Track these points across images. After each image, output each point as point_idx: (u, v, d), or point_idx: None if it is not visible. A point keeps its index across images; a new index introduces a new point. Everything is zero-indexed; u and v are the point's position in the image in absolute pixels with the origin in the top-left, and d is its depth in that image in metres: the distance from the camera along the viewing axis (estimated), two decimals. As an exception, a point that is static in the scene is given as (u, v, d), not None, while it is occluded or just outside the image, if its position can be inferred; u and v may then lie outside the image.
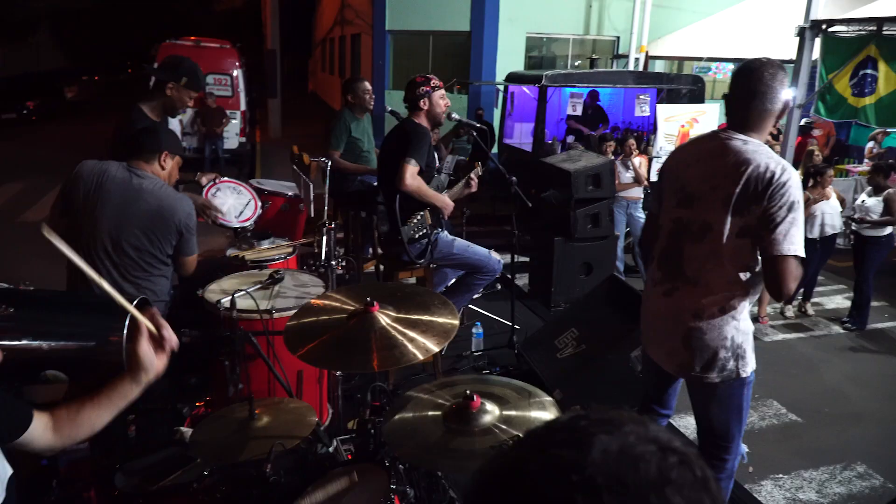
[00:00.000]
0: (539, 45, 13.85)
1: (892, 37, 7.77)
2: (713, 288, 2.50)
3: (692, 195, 2.54)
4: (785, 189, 2.32)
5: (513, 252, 4.81)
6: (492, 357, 4.85)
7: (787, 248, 2.32)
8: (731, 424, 2.67)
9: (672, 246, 2.60)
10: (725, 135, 2.50)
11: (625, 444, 0.63)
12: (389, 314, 2.30)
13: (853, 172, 10.22)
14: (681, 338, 2.58)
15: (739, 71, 2.54)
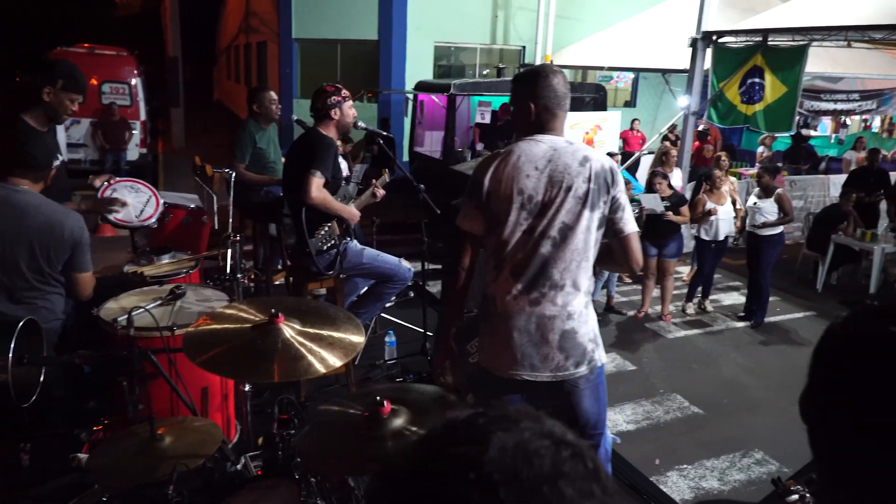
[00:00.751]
0: (447, 53, 14.00)
1: (777, 47, 8.32)
2: (580, 286, 2.59)
3: (543, 202, 2.53)
4: (619, 175, 2.62)
5: (423, 260, 4.83)
6: (405, 365, 4.84)
7: (633, 226, 2.64)
8: (601, 410, 2.81)
9: (530, 256, 2.56)
10: (543, 139, 2.56)
11: (521, 440, 0.65)
12: (294, 327, 2.27)
13: (745, 175, 10.83)
14: (556, 343, 2.59)
15: (561, 79, 2.65)
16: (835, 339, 0.85)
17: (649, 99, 14.59)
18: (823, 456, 0.85)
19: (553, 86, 2.56)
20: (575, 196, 2.51)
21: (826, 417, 0.83)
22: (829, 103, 11.31)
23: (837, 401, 0.82)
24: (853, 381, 0.80)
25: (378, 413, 1.86)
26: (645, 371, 5.84)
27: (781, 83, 8.06)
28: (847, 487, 0.82)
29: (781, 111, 8.10)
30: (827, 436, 0.83)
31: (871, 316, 0.82)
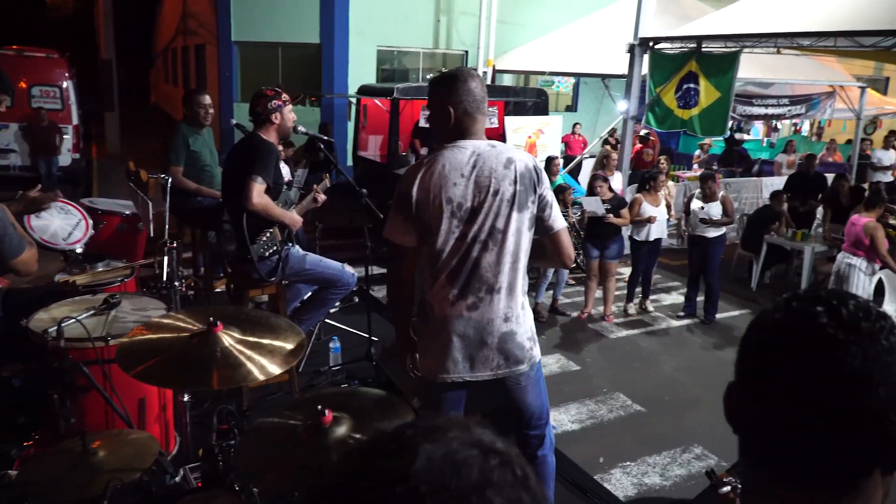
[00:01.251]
0: (390, 58, 13.97)
1: (711, 54, 8.59)
2: (515, 288, 2.62)
3: (472, 208, 2.54)
4: (543, 173, 2.63)
5: (367, 264, 4.80)
6: (350, 371, 4.80)
7: (562, 222, 2.69)
8: (543, 403, 2.89)
9: (464, 262, 2.57)
10: (466, 144, 2.56)
11: (448, 450, 0.64)
12: (234, 335, 2.23)
13: (683, 178, 11.13)
14: (495, 345, 2.62)
15: (478, 82, 2.67)
16: (759, 328, 0.88)
17: (590, 103, 14.86)
18: (750, 441, 0.88)
19: (471, 89, 2.56)
20: (503, 199, 2.53)
21: (755, 405, 0.86)
22: (760, 108, 11.73)
23: (766, 387, 0.84)
24: (777, 366, 0.83)
25: (320, 421, 1.83)
26: (589, 371, 5.93)
27: (715, 88, 8.33)
28: (772, 468, 0.85)
29: (715, 115, 8.36)
30: (755, 424, 0.86)
31: (793, 303, 0.85)
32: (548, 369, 5.95)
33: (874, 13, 6.77)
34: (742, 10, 8.71)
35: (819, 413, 0.79)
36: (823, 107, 12.10)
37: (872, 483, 0.82)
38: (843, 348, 0.77)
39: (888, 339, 0.79)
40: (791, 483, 0.83)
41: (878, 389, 0.77)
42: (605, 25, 11.61)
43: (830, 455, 0.80)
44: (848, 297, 0.83)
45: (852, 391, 0.77)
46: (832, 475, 0.81)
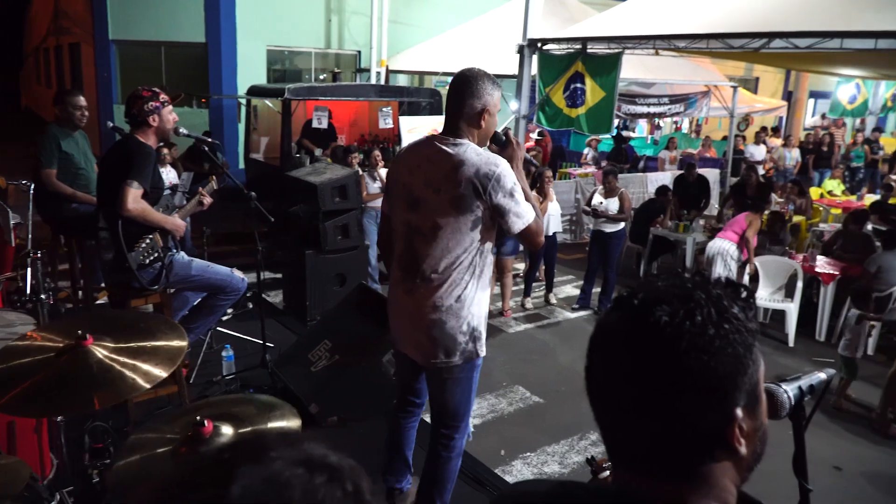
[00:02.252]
0: (281, 58, 13.65)
1: (595, 55, 8.89)
2: (451, 282, 2.71)
3: (418, 199, 2.70)
4: (501, 181, 2.61)
5: (258, 268, 4.66)
6: (245, 379, 4.64)
7: (524, 222, 2.69)
8: (463, 405, 2.98)
9: (407, 248, 2.76)
10: (441, 140, 2.70)
11: (270, 472, 0.61)
12: (107, 345, 2.08)
13: (574, 175, 11.49)
14: (424, 331, 2.77)
15: (451, 82, 2.78)
16: (601, 324, 0.90)
17: (484, 104, 15.07)
18: (606, 432, 0.90)
19: (449, 92, 2.72)
20: (444, 198, 2.64)
21: (602, 397, 0.88)
22: (643, 107, 12.29)
23: (608, 378, 0.87)
24: (618, 355, 0.85)
25: (199, 433, 1.73)
26: (488, 366, 5.97)
27: (600, 88, 8.63)
28: (625, 457, 0.87)
29: (601, 114, 8.66)
30: (604, 415, 0.88)
31: (630, 298, 0.87)
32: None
33: (743, 18, 7.21)
34: (624, 14, 9.07)
35: (660, 400, 0.80)
36: (700, 105, 12.82)
37: (722, 468, 0.84)
38: (677, 333, 0.80)
39: (719, 324, 0.81)
40: (650, 475, 0.84)
41: (716, 372, 0.80)
42: (496, 26, 11.80)
43: (676, 439, 0.81)
44: (685, 283, 0.85)
45: (689, 375, 0.79)
46: (686, 460, 0.83)
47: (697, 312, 0.80)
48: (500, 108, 2.76)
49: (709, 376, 0.79)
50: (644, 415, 0.81)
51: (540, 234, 2.79)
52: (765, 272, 7.18)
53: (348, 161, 7.71)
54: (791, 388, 1.31)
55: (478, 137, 2.71)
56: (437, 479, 3.10)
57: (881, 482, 4.58)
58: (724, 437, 0.82)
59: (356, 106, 11.60)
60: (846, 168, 13.86)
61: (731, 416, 0.82)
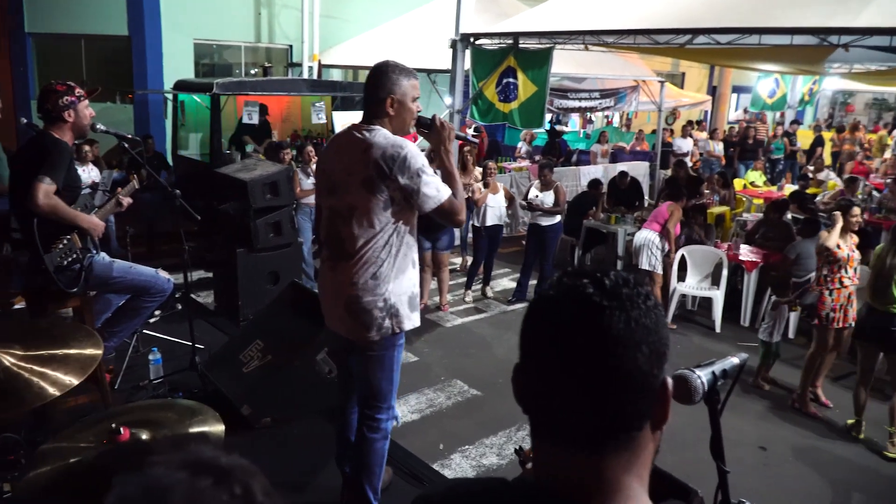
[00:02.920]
0: (209, 52, 13.27)
1: (527, 49, 8.98)
2: (366, 260, 2.86)
3: (336, 184, 2.88)
4: (407, 162, 2.75)
5: (186, 268, 4.52)
6: (174, 382, 4.50)
7: (437, 200, 2.82)
8: (385, 383, 3.08)
9: (331, 229, 2.93)
10: (356, 127, 2.87)
11: (149, 478, 0.58)
12: (15, 353, 1.98)
13: (509, 169, 11.58)
14: (343, 306, 2.93)
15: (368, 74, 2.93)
16: (535, 304, 0.91)
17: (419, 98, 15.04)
18: (534, 415, 0.90)
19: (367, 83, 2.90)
20: (356, 181, 2.80)
21: (534, 377, 0.88)
22: (575, 101, 12.50)
23: (541, 357, 0.88)
24: (551, 334, 0.86)
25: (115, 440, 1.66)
26: (426, 361, 6.00)
27: (532, 82, 8.73)
28: (552, 436, 0.88)
29: (533, 108, 8.77)
30: (535, 395, 0.89)
31: (563, 278, 0.90)
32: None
33: (668, 14, 7.40)
34: (554, 9, 9.18)
35: (590, 374, 0.83)
36: (629, 100, 13.12)
37: (644, 438, 0.88)
38: (608, 313, 0.83)
39: (645, 303, 0.86)
40: (571, 447, 0.86)
41: (641, 347, 0.83)
42: (429, 21, 11.77)
43: (604, 414, 0.84)
44: (610, 269, 0.89)
45: (619, 350, 0.83)
46: (607, 434, 0.85)
47: (623, 287, 0.86)
48: (416, 96, 2.90)
49: (644, 345, 0.84)
50: (576, 384, 0.84)
51: (457, 212, 2.90)
52: (692, 261, 7.41)
53: (280, 157, 7.57)
54: (704, 373, 1.35)
55: (393, 124, 2.86)
56: (365, 463, 3.19)
57: (803, 458, 4.80)
58: (654, 404, 0.87)
59: (288, 101, 11.40)
60: (767, 160, 14.43)
61: (663, 383, 0.87)
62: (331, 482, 3.62)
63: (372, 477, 3.20)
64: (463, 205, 2.93)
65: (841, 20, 5.81)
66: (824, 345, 5.33)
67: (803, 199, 8.65)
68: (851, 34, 5.98)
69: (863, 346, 5.08)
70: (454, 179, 2.93)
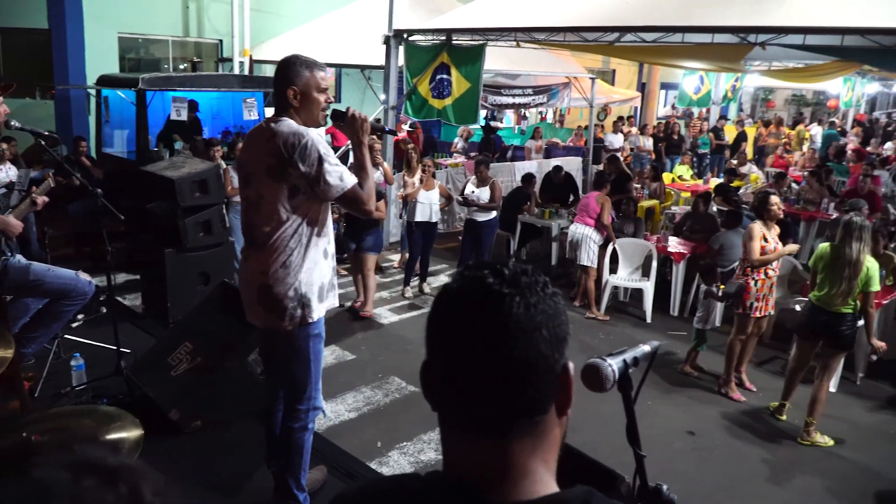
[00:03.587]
0: (135, 46, 12.84)
1: (460, 46, 9.02)
2: (275, 248, 2.88)
3: (247, 174, 2.94)
4: (308, 149, 2.78)
5: (109, 270, 4.36)
6: (98, 388, 4.35)
7: (341, 188, 2.84)
8: (302, 373, 3.09)
9: (246, 219, 2.98)
10: (266, 120, 2.92)
11: (29, 481, 0.57)
12: (-84, 362, 1.87)
13: (445, 165, 11.62)
14: (255, 294, 2.96)
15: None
16: (439, 297, 0.92)
17: (353, 94, 14.90)
18: (441, 407, 0.91)
19: None
20: (262, 169, 2.84)
21: (440, 369, 0.90)
22: (508, 97, 12.63)
23: (446, 347, 0.90)
24: (455, 324, 0.89)
25: (26, 449, 1.59)
26: (363, 359, 5.97)
27: (465, 79, 8.78)
28: (459, 426, 0.89)
29: (467, 105, 8.82)
30: (441, 387, 0.90)
31: (465, 272, 0.92)
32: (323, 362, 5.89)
33: (597, 13, 7.56)
34: (487, 6, 9.25)
35: (493, 359, 0.85)
36: (562, 96, 13.34)
37: (549, 423, 0.90)
38: (507, 300, 0.86)
39: (544, 290, 0.90)
40: (477, 434, 0.87)
41: (541, 331, 0.86)
42: (363, 16, 11.69)
43: (508, 399, 0.86)
44: (509, 261, 0.92)
45: (520, 335, 0.85)
46: (512, 419, 0.87)
47: (522, 276, 0.89)
48: (321, 87, 2.92)
49: (543, 329, 0.87)
50: (480, 371, 0.86)
51: (363, 202, 2.90)
52: (623, 254, 7.60)
53: (210, 154, 7.39)
54: (615, 361, 1.38)
55: (301, 116, 2.88)
56: (288, 457, 3.20)
57: (730, 441, 4.99)
58: (557, 388, 0.89)
59: (218, 97, 11.14)
60: (694, 154, 14.92)
61: (564, 367, 0.90)
62: (263, 484, 3.57)
63: (295, 469, 3.22)
64: (372, 195, 2.95)
65: (758, 19, 6.06)
66: (744, 332, 5.55)
67: (727, 192, 8.97)
68: (767, 33, 6.25)
69: (803, 343, 5.10)
70: (365, 171, 2.96)
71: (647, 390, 5.66)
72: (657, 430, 5.11)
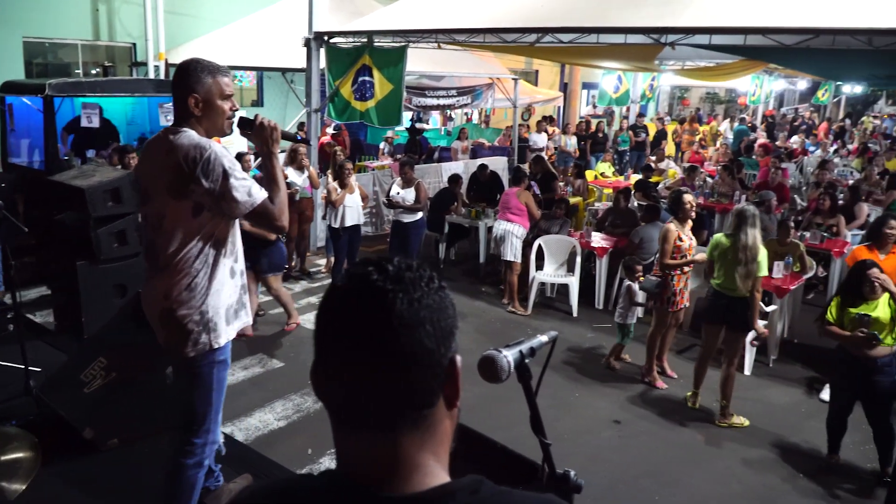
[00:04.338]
0: (42, 50, 12.26)
1: (382, 48, 9.00)
2: (179, 270, 2.69)
3: (146, 190, 2.74)
4: (211, 164, 2.56)
5: (14, 286, 4.15)
6: (5, 410, 4.11)
7: (250, 203, 2.64)
8: (201, 403, 2.87)
9: (147, 239, 2.78)
10: (166, 131, 2.68)
11: None
12: None
13: (371, 167, 11.57)
14: (158, 318, 2.78)
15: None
16: (325, 297, 0.92)
17: (276, 98, 14.65)
18: (330, 406, 0.91)
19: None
20: (161, 185, 2.63)
21: (328, 366, 0.89)
22: (433, 99, 12.68)
23: (332, 345, 0.89)
24: (340, 322, 0.89)
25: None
26: (292, 366, 5.89)
27: (388, 81, 8.76)
28: (348, 423, 0.89)
29: (390, 107, 8.81)
30: (327, 384, 0.90)
31: (350, 270, 0.93)
32: (251, 371, 5.79)
33: (515, 14, 7.68)
34: (408, 7, 9.26)
35: (378, 355, 0.86)
36: (486, 97, 13.50)
37: (438, 416, 0.91)
38: (391, 296, 0.87)
39: (428, 285, 0.90)
40: (366, 430, 0.88)
41: (425, 326, 0.87)
42: (283, 19, 11.52)
43: (395, 394, 0.87)
44: (394, 258, 0.93)
45: (404, 330, 0.86)
46: (399, 413, 0.88)
47: (407, 272, 0.90)
48: (226, 94, 2.70)
49: (427, 324, 0.87)
50: (366, 367, 0.86)
51: (275, 217, 2.72)
52: (548, 250, 7.74)
53: (126, 162, 7.13)
54: (511, 353, 1.41)
55: (203, 125, 2.68)
56: (173, 494, 2.91)
57: (653, 428, 5.16)
58: (445, 381, 0.90)
59: (132, 102, 10.76)
60: (615, 152, 15.35)
61: (451, 360, 0.91)
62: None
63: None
64: (284, 210, 2.75)
65: (667, 20, 6.28)
66: (663, 324, 5.75)
67: (646, 188, 9.27)
68: (676, 33, 6.49)
69: (709, 328, 5.34)
70: (276, 183, 2.74)
71: (573, 383, 5.83)
72: (585, 420, 5.23)
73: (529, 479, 2.16)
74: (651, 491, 4.35)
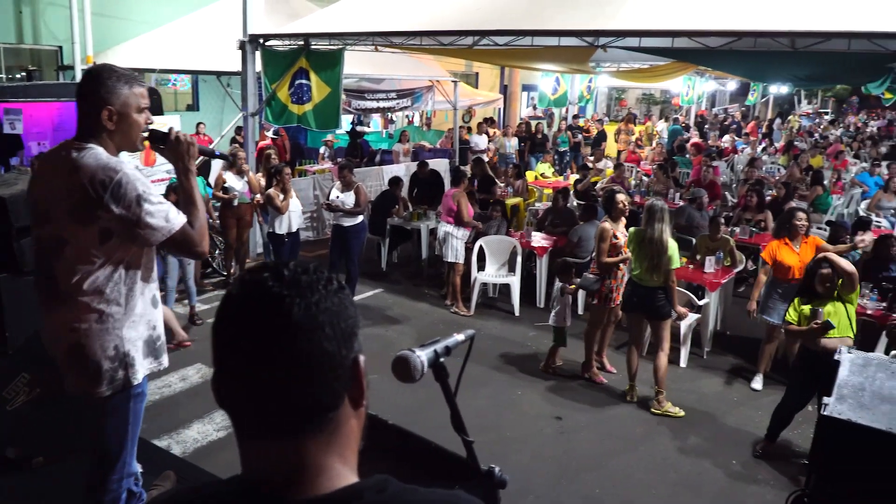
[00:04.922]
0: (-40, 55, 11.75)
1: (318, 51, 8.91)
2: (86, 300, 2.41)
3: (44, 212, 2.42)
4: (123, 188, 2.31)
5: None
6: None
7: (167, 230, 2.39)
8: (121, 440, 2.61)
9: (42, 265, 2.50)
10: (67, 145, 2.40)
11: None
12: None
13: (311, 171, 11.45)
14: (65, 356, 2.47)
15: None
16: (221, 305, 0.91)
17: (212, 101, 14.36)
18: (232, 413, 0.90)
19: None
20: (62, 209, 2.35)
21: (227, 371, 0.88)
22: (373, 102, 12.63)
23: (231, 352, 0.88)
24: (237, 329, 0.88)
25: None
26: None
27: (325, 84, 8.69)
28: (251, 429, 0.88)
29: (328, 110, 8.73)
30: (227, 392, 0.89)
31: (245, 275, 0.92)
32: (189, 381, 5.66)
33: (451, 17, 7.70)
34: (345, 10, 9.19)
35: (277, 361, 0.85)
36: (426, 99, 13.52)
37: (343, 417, 0.91)
38: (287, 302, 0.86)
39: (326, 288, 0.90)
40: (270, 437, 0.87)
41: (324, 329, 0.87)
42: (217, 22, 11.28)
43: (296, 398, 0.86)
44: (291, 262, 0.93)
45: (302, 335, 0.86)
46: (302, 417, 0.88)
47: (303, 275, 0.90)
48: (142, 106, 2.47)
49: (327, 327, 0.87)
50: (266, 373, 0.85)
51: (195, 243, 2.49)
52: (489, 251, 7.80)
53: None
54: (425, 352, 1.41)
55: (114, 140, 2.44)
56: None
57: (594, 422, 5.26)
58: (349, 382, 0.90)
59: (59, 107, 10.37)
60: (555, 152, 15.58)
61: (354, 361, 0.91)
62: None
63: None
64: (204, 233, 2.52)
65: (598, 23, 6.41)
66: (600, 321, 5.87)
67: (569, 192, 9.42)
68: (607, 35, 6.63)
69: (630, 317, 5.63)
70: (194, 205, 2.49)
71: (515, 381, 5.88)
72: (527, 417, 5.29)
73: (468, 478, 2.18)
74: (593, 484, 4.44)
